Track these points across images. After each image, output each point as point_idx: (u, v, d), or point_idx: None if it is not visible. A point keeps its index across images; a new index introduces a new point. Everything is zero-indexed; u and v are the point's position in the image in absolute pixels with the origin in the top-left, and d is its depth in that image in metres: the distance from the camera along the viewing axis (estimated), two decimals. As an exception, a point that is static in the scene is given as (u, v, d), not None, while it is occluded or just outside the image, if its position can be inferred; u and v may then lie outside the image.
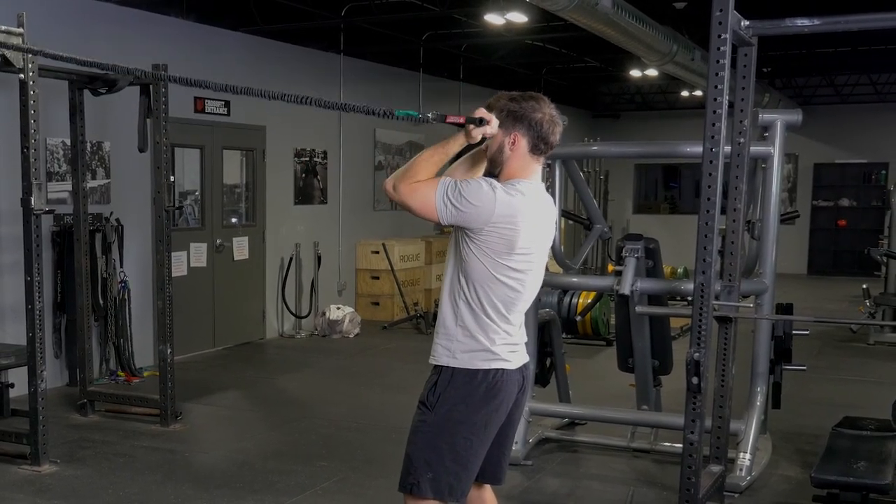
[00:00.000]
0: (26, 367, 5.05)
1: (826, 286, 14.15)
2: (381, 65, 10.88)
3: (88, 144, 6.75)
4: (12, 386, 5.86)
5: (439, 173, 2.79)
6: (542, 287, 3.03)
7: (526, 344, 2.98)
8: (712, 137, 3.74)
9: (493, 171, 2.86)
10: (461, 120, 2.78)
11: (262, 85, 9.89)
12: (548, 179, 5.53)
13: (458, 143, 2.80)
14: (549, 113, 2.83)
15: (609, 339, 8.75)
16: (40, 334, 4.98)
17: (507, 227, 2.71)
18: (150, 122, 5.83)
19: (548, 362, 5.73)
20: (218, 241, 8.57)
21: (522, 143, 2.82)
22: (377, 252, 10.40)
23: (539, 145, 2.83)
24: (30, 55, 4.73)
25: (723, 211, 3.99)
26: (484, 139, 2.82)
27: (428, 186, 2.73)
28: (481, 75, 12.78)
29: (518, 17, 8.77)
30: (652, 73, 12.08)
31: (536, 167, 2.88)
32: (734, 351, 4.46)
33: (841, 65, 13.78)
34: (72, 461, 5.14)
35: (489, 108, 2.87)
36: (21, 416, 5.45)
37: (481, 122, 2.75)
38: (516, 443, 4.92)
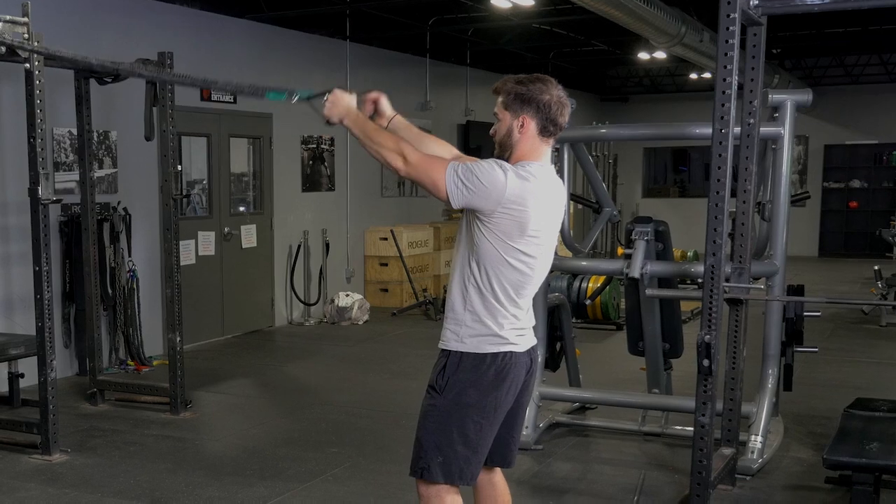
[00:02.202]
0: (36, 356, 5.06)
1: (837, 268, 14.09)
2: (388, 50, 10.83)
3: (95, 134, 6.75)
4: (22, 376, 5.90)
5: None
6: (551, 271, 3.02)
7: (535, 328, 2.97)
8: (722, 118, 3.71)
9: (503, 155, 2.83)
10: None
11: (269, 72, 9.88)
12: (556, 163, 5.50)
13: (361, 114, 2.89)
14: (556, 94, 2.80)
15: (619, 323, 8.74)
16: (49, 324, 4.98)
17: (519, 209, 2.69)
18: (156, 110, 5.82)
19: (558, 347, 5.72)
20: (226, 230, 8.57)
21: (531, 125, 2.79)
22: (385, 238, 10.38)
23: (548, 127, 2.80)
24: (36, 45, 4.71)
25: (733, 193, 3.95)
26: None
27: (439, 163, 2.72)
28: (488, 60, 12.72)
29: (525, 1, 8.70)
30: (660, 55, 12.00)
31: (546, 149, 2.85)
32: (745, 333, 4.44)
33: (851, 45, 13.67)
34: (82, 450, 5.16)
35: (496, 92, 2.85)
36: (31, 405, 5.49)
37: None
38: (526, 427, 4.92)
